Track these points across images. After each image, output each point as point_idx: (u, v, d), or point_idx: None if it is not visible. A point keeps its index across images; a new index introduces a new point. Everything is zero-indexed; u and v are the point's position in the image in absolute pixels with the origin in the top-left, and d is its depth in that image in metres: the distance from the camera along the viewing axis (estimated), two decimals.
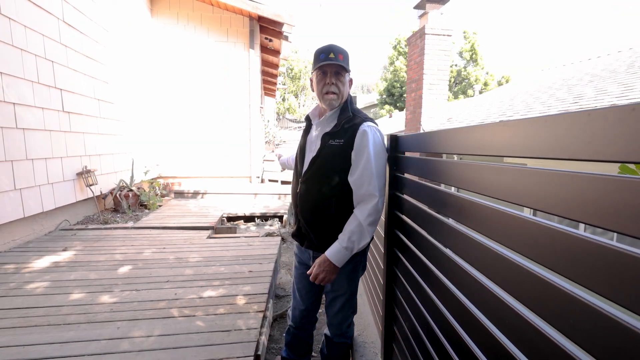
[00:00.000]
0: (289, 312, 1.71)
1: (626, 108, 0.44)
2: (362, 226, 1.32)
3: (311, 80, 1.49)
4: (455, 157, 5.20)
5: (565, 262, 0.54)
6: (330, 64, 1.36)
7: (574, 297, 0.52)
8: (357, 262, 1.50)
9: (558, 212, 0.55)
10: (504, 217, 0.70)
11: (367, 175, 1.33)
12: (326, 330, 1.70)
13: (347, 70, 1.40)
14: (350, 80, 1.47)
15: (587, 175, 0.50)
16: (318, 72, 1.40)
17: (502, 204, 0.75)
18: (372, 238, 1.51)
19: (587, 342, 0.49)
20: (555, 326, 0.56)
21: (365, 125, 1.36)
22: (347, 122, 1.38)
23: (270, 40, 7.15)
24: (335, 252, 1.34)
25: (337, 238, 1.38)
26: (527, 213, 0.64)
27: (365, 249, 1.53)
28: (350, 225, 1.34)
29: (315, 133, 1.48)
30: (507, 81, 22.40)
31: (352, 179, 1.36)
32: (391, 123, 17.20)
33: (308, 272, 1.41)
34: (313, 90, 1.48)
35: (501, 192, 0.72)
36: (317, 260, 1.38)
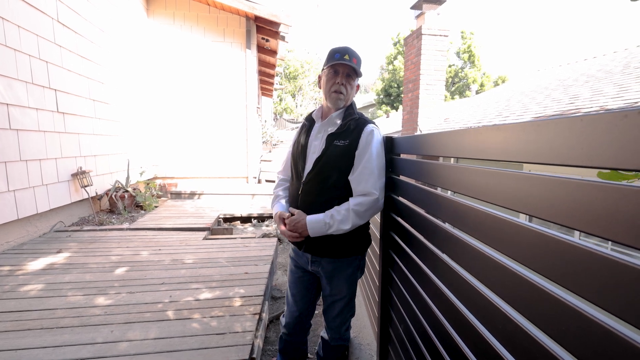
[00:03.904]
0: (282, 319, 1.68)
1: (618, 114, 0.43)
2: (349, 210, 1.33)
3: (319, 77, 1.48)
4: (452, 160, 5.22)
5: (557, 268, 0.53)
6: (344, 64, 1.37)
7: (566, 303, 0.52)
8: (356, 265, 1.50)
9: (552, 219, 0.55)
10: (497, 222, 0.70)
11: (366, 173, 1.35)
12: (323, 333, 1.69)
13: (358, 75, 1.41)
14: (357, 86, 1.47)
15: (580, 182, 0.49)
16: (330, 70, 1.40)
17: (496, 209, 0.75)
18: (370, 237, 1.52)
19: (579, 349, 0.49)
20: (547, 332, 0.56)
21: (372, 127, 1.41)
22: (353, 123, 1.40)
23: (267, 41, 7.13)
24: (315, 221, 1.35)
25: (337, 241, 1.39)
26: (522, 219, 0.63)
27: (364, 251, 1.53)
28: (339, 207, 1.36)
29: (319, 134, 1.46)
30: (503, 81, 22.48)
31: (352, 176, 1.37)
32: (388, 123, 17.22)
33: (288, 219, 1.41)
34: (320, 88, 1.48)
35: (495, 197, 0.72)
36: (297, 216, 1.38)
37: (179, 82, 6.31)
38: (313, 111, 1.55)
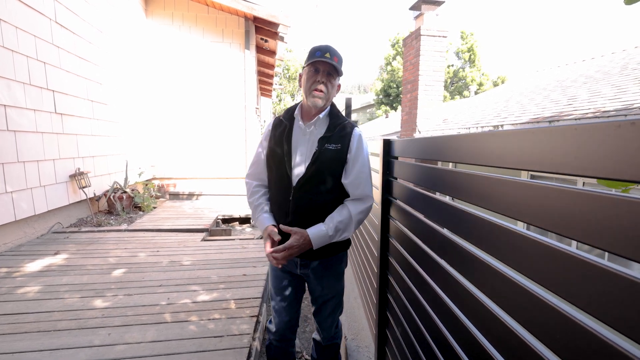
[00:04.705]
0: (269, 326, 1.60)
1: (611, 125, 0.44)
2: (352, 220, 1.34)
3: (300, 75, 1.43)
4: (451, 165, 5.22)
5: (552, 276, 0.53)
6: (324, 62, 1.33)
7: (560, 311, 0.52)
8: (343, 261, 1.52)
9: (546, 227, 0.55)
10: (494, 229, 0.70)
11: (363, 178, 1.36)
12: (315, 335, 1.67)
13: (339, 74, 1.38)
14: (339, 86, 1.44)
15: (575, 191, 0.49)
16: (310, 68, 1.36)
17: (494, 216, 0.75)
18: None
19: (572, 358, 0.49)
20: (540, 338, 0.56)
21: (358, 130, 1.41)
22: (342, 126, 1.39)
23: (266, 41, 7.13)
24: (319, 237, 1.31)
25: (329, 243, 1.36)
26: (520, 226, 0.63)
27: (349, 246, 1.52)
28: (339, 215, 1.34)
29: (305, 135, 1.40)
30: (502, 81, 22.52)
31: (347, 180, 1.36)
32: (387, 123, 17.23)
33: (282, 246, 1.28)
34: (300, 86, 1.43)
35: (493, 204, 0.72)
36: (297, 238, 1.29)
37: (178, 82, 6.30)
38: (291, 109, 1.46)
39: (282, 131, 1.42)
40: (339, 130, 1.38)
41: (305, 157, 1.37)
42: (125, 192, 4.63)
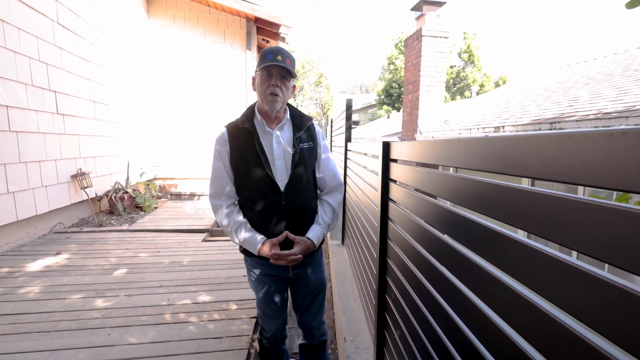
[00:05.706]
0: (262, 331, 1.62)
1: (604, 134, 0.44)
2: (335, 213, 1.48)
3: (253, 79, 1.42)
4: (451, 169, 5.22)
5: (548, 284, 0.54)
6: (277, 66, 1.32)
7: (555, 319, 0.52)
8: (322, 251, 1.60)
9: (545, 235, 0.55)
10: (493, 235, 0.70)
11: (334, 169, 1.49)
12: (302, 341, 1.67)
13: (292, 76, 1.38)
14: (293, 87, 1.44)
15: (576, 200, 0.50)
16: (263, 72, 1.34)
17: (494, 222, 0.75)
18: None
19: None
20: (536, 346, 0.56)
21: (316, 124, 1.51)
22: (307, 124, 1.46)
23: (268, 42, 7.14)
24: (319, 237, 1.42)
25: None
26: (520, 234, 0.64)
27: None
28: (327, 213, 1.46)
29: (278, 138, 1.40)
30: (504, 82, 22.45)
31: (322, 174, 1.46)
32: (389, 124, 17.23)
33: (293, 252, 1.32)
34: (254, 90, 1.43)
35: (492, 210, 0.72)
36: (302, 245, 1.36)
37: (179, 83, 6.31)
38: (249, 115, 1.42)
39: (246, 138, 1.37)
40: (307, 128, 1.45)
41: (285, 160, 1.39)
42: (126, 192, 4.64)
